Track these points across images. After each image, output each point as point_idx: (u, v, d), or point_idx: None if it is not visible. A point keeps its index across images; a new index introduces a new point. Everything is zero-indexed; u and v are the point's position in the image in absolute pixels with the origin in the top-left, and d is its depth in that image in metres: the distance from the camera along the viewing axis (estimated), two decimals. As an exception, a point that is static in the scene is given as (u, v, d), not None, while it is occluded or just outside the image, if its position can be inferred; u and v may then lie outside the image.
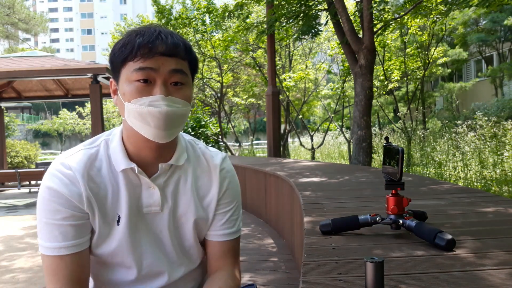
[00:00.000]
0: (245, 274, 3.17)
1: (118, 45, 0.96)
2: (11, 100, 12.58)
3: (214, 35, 13.21)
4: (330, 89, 15.56)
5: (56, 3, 71.00)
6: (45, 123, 34.46)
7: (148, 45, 0.92)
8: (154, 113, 0.92)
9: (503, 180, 6.47)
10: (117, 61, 0.96)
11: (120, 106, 0.99)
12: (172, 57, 0.95)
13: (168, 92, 0.94)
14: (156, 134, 0.95)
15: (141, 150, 1.01)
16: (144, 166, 1.02)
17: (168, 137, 0.97)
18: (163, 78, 0.94)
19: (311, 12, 7.67)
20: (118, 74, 0.97)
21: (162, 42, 0.93)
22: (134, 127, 0.96)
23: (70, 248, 0.95)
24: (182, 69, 0.96)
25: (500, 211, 1.62)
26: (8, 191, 10.47)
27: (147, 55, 0.92)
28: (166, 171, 1.04)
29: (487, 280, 0.89)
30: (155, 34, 0.94)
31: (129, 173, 1.01)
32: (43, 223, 0.95)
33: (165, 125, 0.94)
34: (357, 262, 1.04)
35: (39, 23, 29.30)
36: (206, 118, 13.67)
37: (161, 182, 1.03)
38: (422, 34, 13.16)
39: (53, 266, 0.94)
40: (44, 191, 0.95)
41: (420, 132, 11.94)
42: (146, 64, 0.92)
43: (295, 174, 3.81)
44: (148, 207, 1.03)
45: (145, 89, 0.93)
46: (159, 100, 0.92)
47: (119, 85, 0.98)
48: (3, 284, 3.50)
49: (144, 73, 0.93)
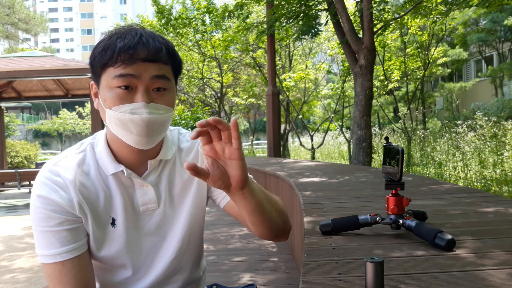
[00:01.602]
0: (245, 274, 3.17)
1: (98, 48, 0.92)
2: (11, 100, 12.58)
3: (214, 35, 13.21)
4: (330, 89, 15.56)
5: (56, 3, 71.01)
6: (45, 123, 34.45)
7: (129, 51, 0.89)
8: (136, 121, 0.90)
9: (503, 180, 6.48)
10: (97, 65, 0.93)
11: (101, 111, 0.96)
12: (154, 63, 0.91)
13: (150, 99, 0.92)
14: (138, 141, 0.93)
15: (126, 153, 0.99)
16: (133, 166, 1.01)
17: (151, 144, 0.95)
18: (145, 85, 0.91)
19: (311, 12, 7.67)
20: (98, 78, 0.94)
21: (143, 47, 0.90)
22: (116, 133, 0.94)
23: (69, 253, 0.93)
24: (164, 75, 0.93)
25: (500, 211, 1.62)
26: (8, 191, 10.48)
27: (128, 61, 0.89)
28: (156, 167, 1.04)
29: (487, 280, 0.89)
30: (136, 38, 0.90)
31: (120, 176, 1.00)
32: (38, 231, 0.93)
33: (147, 132, 0.92)
34: (357, 262, 1.04)
35: (39, 23, 29.30)
36: (206, 118, 13.67)
37: (153, 179, 1.03)
38: (422, 34, 13.16)
39: (56, 273, 0.93)
40: (35, 199, 0.94)
41: (420, 132, 11.94)
42: (127, 70, 0.89)
43: (295, 174, 3.81)
44: (145, 205, 1.02)
45: (127, 96, 0.90)
46: (141, 107, 0.90)
47: (99, 90, 0.95)
48: (3, 284, 3.50)
49: (125, 80, 0.90)
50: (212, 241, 4.22)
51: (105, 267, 1.03)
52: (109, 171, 0.98)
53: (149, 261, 1.05)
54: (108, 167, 0.98)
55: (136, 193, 1.02)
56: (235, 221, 5.80)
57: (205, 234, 1.21)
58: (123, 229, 1.00)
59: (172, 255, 1.07)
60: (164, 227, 1.05)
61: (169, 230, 1.06)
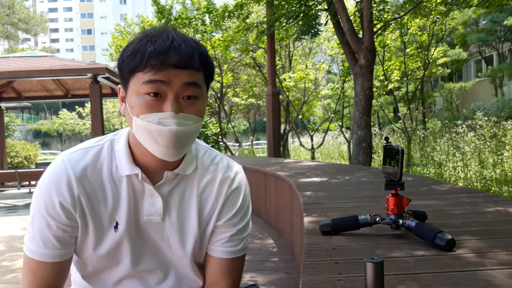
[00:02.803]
0: (245, 274, 3.17)
1: (128, 51, 0.88)
2: (11, 100, 12.57)
3: (214, 35, 13.20)
4: (330, 89, 15.56)
5: (56, 3, 71.00)
6: (45, 123, 34.45)
7: (160, 56, 0.84)
8: (164, 132, 0.85)
9: (503, 180, 6.48)
10: (125, 70, 0.88)
11: (128, 117, 0.93)
12: (186, 69, 0.86)
13: (180, 108, 0.87)
14: (164, 153, 0.88)
15: (147, 157, 0.94)
16: (149, 172, 0.96)
17: (177, 156, 0.91)
18: (175, 93, 0.86)
19: (311, 12, 7.67)
20: (126, 83, 0.90)
21: (175, 53, 0.85)
22: (142, 142, 0.90)
23: (48, 257, 0.94)
24: (196, 82, 0.88)
25: (500, 211, 1.62)
26: (8, 191, 10.47)
27: (158, 67, 0.84)
28: (172, 180, 0.98)
29: (487, 280, 0.89)
30: (168, 43, 0.85)
31: (133, 179, 0.96)
32: (30, 222, 0.95)
33: (174, 144, 0.87)
34: (357, 262, 1.04)
35: (39, 23, 29.29)
36: (206, 118, 13.68)
37: (165, 191, 0.98)
38: (422, 34, 13.15)
39: (32, 266, 0.95)
40: (37, 190, 0.94)
41: (420, 132, 11.94)
42: (156, 77, 0.85)
43: (295, 174, 3.81)
44: (149, 215, 0.97)
45: (155, 104, 0.86)
46: (169, 117, 0.85)
47: (127, 95, 0.91)
48: (4, 284, 3.50)
49: (155, 87, 0.85)
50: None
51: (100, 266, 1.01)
52: (124, 172, 0.95)
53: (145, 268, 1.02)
54: (124, 167, 0.95)
55: (144, 201, 0.97)
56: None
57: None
58: (124, 234, 0.97)
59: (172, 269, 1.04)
60: (164, 242, 1.00)
61: (169, 247, 1.01)
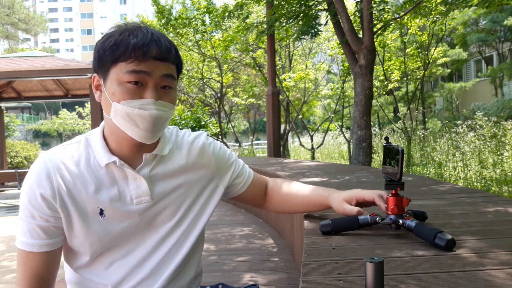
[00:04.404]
0: (245, 274, 3.17)
1: (109, 43, 0.95)
2: (11, 100, 12.58)
3: (214, 35, 13.20)
4: (330, 89, 15.56)
5: (56, 3, 71.01)
6: (45, 123, 34.47)
7: (143, 48, 0.93)
8: (145, 116, 0.95)
9: (503, 180, 6.48)
10: (107, 60, 0.96)
11: (105, 103, 1.00)
12: (164, 62, 0.97)
13: (159, 96, 0.97)
14: (143, 135, 0.98)
15: (123, 145, 1.03)
16: (128, 159, 1.04)
17: (154, 138, 1.01)
18: (155, 82, 0.96)
19: (311, 12, 7.67)
20: (106, 72, 0.97)
21: (156, 46, 0.95)
22: (120, 126, 0.98)
23: (36, 247, 0.99)
24: (172, 74, 0.99)
25: (500, 211, 1.62)
26: (8, 191, 10.47)
27: (141, 58, 0.93)
28: (151, 161, 1.06)
29: (487, 280, 0.89)
30: (149, 36, 0.95)
31: (112, 168, 1.03)
32: (19, 217, 1.01)
33: (153, 127, 0.97)
34: (357, 262, 1.04)
35: (39, 23, 29.30)
36: (206, 118, 13.68)
37: (146, 172, 1.05)
38: (422, 34, 13.15)
39: (23, 257, 1.01)
40: (24, 187, 1.00)
41: (420, 132, 11.94)
42: (139, 67, 0.94)
43: (295, 174, 3.82)
44: (138, 197, 1.04)
45: (137, 91, 0.95)
46: (151, 104, 0.95)
47: (106, 83, 0.98)
48: (4, 284, 3.50)
49: (137, 76, 0.94)
50: (213, 241, 4.22)
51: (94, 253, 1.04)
52: (103, 161, 1.01)
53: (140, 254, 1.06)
54: (102, 157, 1.02)
55: (130, 186, 1.04)
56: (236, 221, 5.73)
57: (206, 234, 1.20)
58: (112, 220, 1.02)
59: (166, 247, 1.08)
60: (157, 220, 1.07)
61: (162, 224, 1.08)
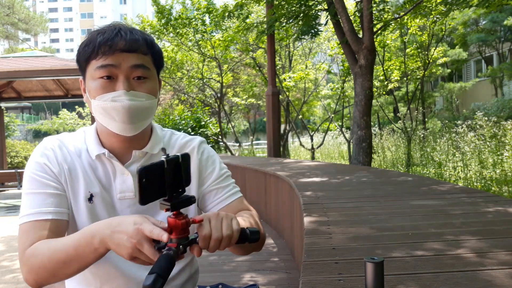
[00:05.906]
0: (245, 274, 3.17)
1: (82, 45, 1.01)
2: (11, 100, 12.58)
3: (214, 35, 13.19)
4: (330, 89, 15.55)
5: (56, 3, 70.99)
6: (45, 123, 34.46)
7: (108, 43, 0.96)
8: (117, 108, 0.96)
9: (503, 180, 6.47)
10: (81, 60, 1.01)
11: (88, 103, 1.04)
12: (133, 53, 0.98)
13: (131, 87, 0.98)
14: (122, 128, 0.99)
15: (113, 142, 1.05)
16: (119, 155, 1.06)
17: (134, 130, 1.01)
18: (125, 74, 0.98)
19: (311, 12, 7.67)
20: (84, 72, 1.02)
21: (121, 39, 0.97)
22: (101, 122, 1.01)
23: (46, 214, 0.96)
24: (143, 64, 1.00)
25: (500, 211, 1.62)
26: (8, 191, 10.47)
27: (108, 52, 0.96)
28: (140, 158, 1.08)
29: (487, 280, 0.89)
30: (115, 32, 0.98)
31: (104, 160, 1.05)
32: (24, 196, 0.99)
33: (129, 118, 0.98)
34: (357, 262, 1.04)
35: (39, 23, 29.29)
36: (206, 118, 13.66)
37: (134, 169, 1.05)
38: (422, 34, 13.14)
39: (27, 229, 0.95)
40: (28, 164, 1.02)
41: (420, 132, 11.93)
42: (107, 61, 0.96)
43: (295, 174, 3.81)
44: (122, 192, 1.05)
45: (108, 85, 0.97)
46: (121, 95, 0.96)
47: (86, 83, 1.02)
48: (4, 284, 3.50)
49: (106, 70, 0.97)
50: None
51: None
52: (94, 152, 1.04)
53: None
54: (93, 148, 1.05)
55: (117, 180, 1.05)
56: (235, 221, 5.73)
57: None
58: (98, 209, 1.03)
59: None
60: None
61: None
